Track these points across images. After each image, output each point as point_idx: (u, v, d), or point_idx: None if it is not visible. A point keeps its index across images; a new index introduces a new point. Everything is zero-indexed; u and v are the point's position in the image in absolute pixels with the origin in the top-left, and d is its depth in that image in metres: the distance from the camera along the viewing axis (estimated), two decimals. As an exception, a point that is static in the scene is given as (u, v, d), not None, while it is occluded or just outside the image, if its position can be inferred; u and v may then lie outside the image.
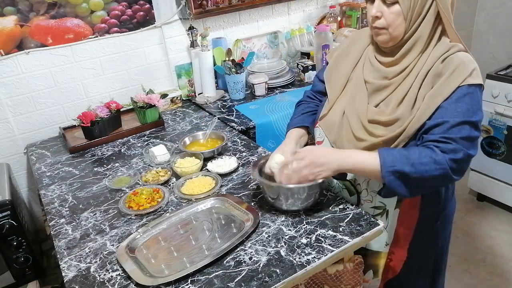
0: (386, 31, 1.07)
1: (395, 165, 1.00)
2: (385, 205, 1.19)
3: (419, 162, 0.99)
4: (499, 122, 2.32)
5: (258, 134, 1.82)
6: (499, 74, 2.32)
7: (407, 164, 0.99)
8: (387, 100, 1.11)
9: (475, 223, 2.50)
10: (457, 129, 1.00)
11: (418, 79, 1.07)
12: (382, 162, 1.01)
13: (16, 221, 1.51)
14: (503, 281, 2.08)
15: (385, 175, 1.01)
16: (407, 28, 1.06)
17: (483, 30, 2.85)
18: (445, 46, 1.07)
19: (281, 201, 1.16)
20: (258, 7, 2.23)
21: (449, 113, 1.01)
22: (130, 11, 1.94)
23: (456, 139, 1.00)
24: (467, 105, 1.01)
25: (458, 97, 1.02)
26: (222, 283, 0.97)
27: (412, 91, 1.07)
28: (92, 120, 1.72)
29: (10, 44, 1.73)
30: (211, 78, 2.08)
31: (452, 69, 1.03)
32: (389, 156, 1.02)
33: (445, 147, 0.99)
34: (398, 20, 1.04)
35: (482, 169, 2.51)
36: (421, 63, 1.08)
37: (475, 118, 1.01)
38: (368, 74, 1.17)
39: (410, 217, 1.19)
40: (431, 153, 0.99)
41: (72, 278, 1.05)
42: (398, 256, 1.23)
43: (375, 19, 1.07)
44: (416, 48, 1.08)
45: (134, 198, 1.29)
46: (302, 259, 1.02)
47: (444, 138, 1.00)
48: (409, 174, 0.99)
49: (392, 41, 1.09)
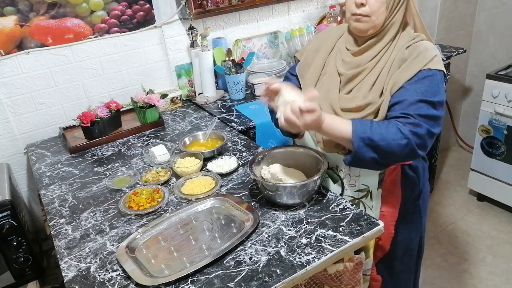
0: (369, 18, 1.13)
1: (366, 132, 1.08)
2: (368, 187, 1.26)
3: (387, 132, 1.07)
4: (499, 122, 2.32)
5: (258, 134, 1.82)
6: (499, 74, 2.32)
7: (376, 133, 1.07)
8: (359, 86, 1.19)
9: (475, 223, 2.50)
10: (415, 106, 1.09)
11: (388, 65, 1.15)
12: (353, 128, 1.09)
13: (16, 221, 1.51)
14: (503, 281, 2.08)
15: (354, 141, 1.08)
16: (387, 17, 1.13)
17: (483, 30, 2.85)
18: (410, 35, 1.17)
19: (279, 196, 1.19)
20: (258, 7, 2.23)
21: (409, 93, 1.10)
22: (130, 11, 1.94)
23: (413, 115, 1.08)
24: (426, 86, 1.10)
25: (418, 78, 1.11)
26: (222, 283, 0.97)
27: (382, 76, 1.15)
28: (92, 120, 1.72)
29: (10, 44, 1.73)
30: (211, 78, 2.08)
31: (415, 55, 1.12)
32: (361, 124, 1.10)
33: (404, 121, 1.08)
34: (382, 8, 1.11)
35: (482, 169, 2.51)
36: (390, 51, 1.16)
37: (434, 99, 1.09)
38: (340, 66, 1.23)
39: (394, 197, 1.26)
40: (396, 126, 1.08)
41: (72, 278, 1.05)
42: (386, 234, 1.27)
43: (360, 5, 1.12)
44: (389, 34, 1.16)
45: (134, 198, 1.29)
46: (302, 259, 1.02)
47: (403, 113, 1.09)
48: (377, 141, 1.07)
49: (373, 29, 1.15)
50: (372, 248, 1.28)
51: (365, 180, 1.26)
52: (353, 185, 1.28)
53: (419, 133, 1.07)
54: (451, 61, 2.47)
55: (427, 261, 2.23)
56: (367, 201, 1.28)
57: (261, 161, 1.31)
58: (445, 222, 2.52)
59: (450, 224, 2.50)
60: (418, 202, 1.31)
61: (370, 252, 1.29)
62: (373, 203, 1.27)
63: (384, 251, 1.31)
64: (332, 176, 1.32)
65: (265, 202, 1.25)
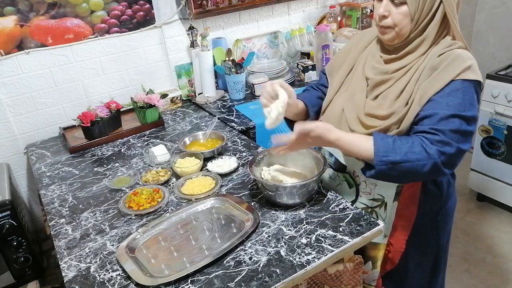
0: (392, 30, 1.08)
1: (388, 155, 1.02)
2: (383, 197, 1.20)
3: (412, 151, 1.00)
4: (499, 122, 2.32)
5: (258, 134, 1.82)
6: (499, 74, 2.32)
7: (399, 153, 1.01)
8: (385, 93, 1.14)
9: (475, 223, 2.50)
10: (446, 121, 1.01)
11: (416, 74, 1.09)
12: (376, 150, 1.03)
13: (16, 221, 1.51)
14: (503, 281, 2.08)
15: (377, 164, 1.03)
16: (413, 28, 1.07)
17: (483, 30, 2.85)
18: (445, 43, 1.09)
19: (279, 196, 1.19)
20: (258, 7, 2.23)
21: (440, 106, 1.02)
22: (130, 11, 1.94)
23: (444, 131, 1.00)
24: (459, 99, 1.01)
25: (450, 90, 1.03)
26: (222, 283, 0.97)
27: (410, 85, 1.09)
28: (92, 120, 1.72)
29: (10, 44, 1.73)
30: (211, 78, 2.08)
31: (446, 63, 1.04)
32: (383, 144, 1.03)
33: (432, 138, 1.01)
34: (405, 20, 1.06)
35: (482, 169, 2.51)
36: (421, 61, 1.09)
37: (467, 113, 1.01)
38: (368, 71, 1.19)
39: (409, 211, 1.20)
40: (422, 143, 1.01)
41: (72, 278, 1.05)
42: (396, 248, 1.24)
43: (382, 18, 1.08)
44: (421, 49, 1.10)
45: (134, 198, 1.29)
46: (302, 259, 1.02)
47: (433, 129, 1.01)
48: (400, 162, 1.01)
49: (398, 39, 1.10)
50: (380, 260, 1.25)
51: (381, 190, 1.20)
52: (368, 193, 1.23)
53: (447, 152, 1.00)
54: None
55: (427, 261, 2.23)
56: (380, 212, 1.21)
57: (261, 161, 1.31)
58: (445, 222, 2.52)
59: (450, 224, 2.50)
60: (437, 218, 1.22)
61: (378, 263, 1.26)
62: (386, 214, 1.21)
63: (393, 264, 1.26)
64: (348, 180, 1.27)
65: (265, 202, 1.25)
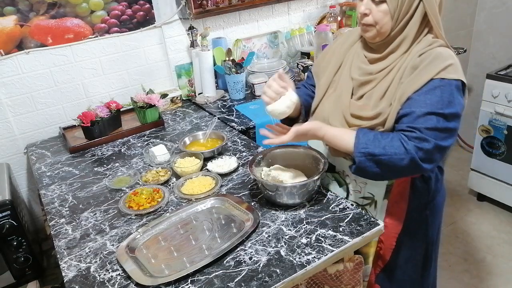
0: (374, 28, 1.11)
1: (367, 147, 1.06)
2: (373, 196, 1.23)
3: (390, 145, 1.04)
4: (499, 122, 2.32)
5: (258, 134, 1.82)
6: (499, 74, 2.32)
7: (378, 146, 1.05)
8: (369, 93, 1.16)
9: (475, 223, 2.50)
10: (423, 119, 1.03)
11: (399, 73, 1.11)
12: (356, 142, 1.08)
13: (16, 221, 1.51)
14: (503, 281, 2.08)
15: (356, 155, 1.07)
16: (393, 26, 1.10)
17: (483, 30, 2.85)
18: (426, 42, 1.11)
19: (279, 196, 1.20)
20: (258, 7, 2.23)
21: (417, 104, 1.05)
22: (130, 11, 1.94)
23: (420, 128, 1.03)
24: (437, 97, 1.03)
25: (428, 89, 1.05)
26: (222, 283, 0.97)
27: (393, 85, 1.12)
28: (92, 120, 1.72)
29: (10, 44, 1.73)
30: (211, 78, 2.08)
31: (426, 62, 1.07)
32: (364, 137, 1.08)
33: (410, 135, 1.03)
34: (386, 18, 1.09)
35: (482, 169, 2.51)
36: (403, 60, 1.12)
37: (445, 111, 1.03)
38: (354, 71, 1.21)
39: (399, 209, 1.23)
40: (401, 139, 1.04)
41: (72, 278, 1.05)
42: (387, 245, 1.26)
43: (363, 16, 1.11)
44: (402, 47, 1.12)
45: (134, 198, 1.29)
46: (302, 259, 1.02)
47: (410, 127, 1.04)
48: (378, 155, 1.05)
49: (379, 37, 1.13)
50: (372, 256, 1.27)
51: (371, 189, 1.22)
52: (358, 191, 1.25)
53: (425, 148, 1.02)
54: (451, 61, 2.47)
55: (427, 261, 2.23)
56: (370, 210, 1.24)
57: (261, 161, 1.31)
58: (445, 222, 2.52)
59: (450, 224, 2.50)
60: (425, 212, 1.24)
61: (370, 259, 1.27)
62: (376, 212, 1.24)
63: (385, 260, 1.28)
64: (338, 179, 1.30)
65: (265, 202, 1.25)
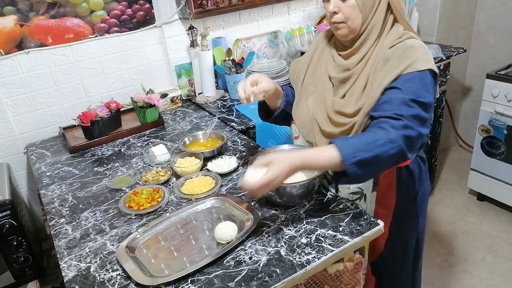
0: (345, 24, 1.13)
1: (357, 155, 1.00)
2: (362, 190, 1.25)
3: (377, 145, 1.01)
4: (499, 122, 2.32)
5: (258, 134, 1.82)
6: (499, 74, 2.32)
7: (366, 150, 1.01)
8: (351, 90, 1.18)
9: (475, 223, 2.50)
10: (406, 107, 1.04)
11: (373, 67, 1.13)
12: (342, 155, 1.01)
13: (16, 221, 1.51)
14: (503, 281, 2.08)
15: (349, 168, 1.01)
16: (364, 19, 1.13)
17: (483, 30, 2.85)
18: (396, 34, 1.14)
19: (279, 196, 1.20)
20: (258, 7, 2.23)
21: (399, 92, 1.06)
22: (130, 10, 1.94)
23: (406, 116, 1.03)
24: (416, 85, 1.06)
25: (407, 78, 1.07)
26: (222, 283, 0.97)
27: (370, 79, 1.14)
28: (92, 120, 1.72)
29: (10, 44, 1.73)
30: (211, 78, 2.08)
31: (399, 53, 1.09)
32: (347, 147, 1.02)
33: (397, 124, 1.03)
34: (355, 12, 1.11)
35: (482, 169, 2.51)
36: (377, 52, 1.14)
37: (424, 99, 1.05)
38: (331, 70, 1.23)
39: (388, 198, 1.25)
40: (384, 134, 1.03)
41: (72, 278, 1.05)
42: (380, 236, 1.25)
43: (333, 14, 1.13)
44: (372, 36, 1.15)
45: (134, 198, 1.29)
46: (302, 259, 1.02)
47: (396, 114, 1.04)
48: (370, 159, 1.01)
49: (352, 33, 1.15)
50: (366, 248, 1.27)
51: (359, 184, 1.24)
52: (347, 187, 1.27)
53: (410, 136, 1.03)
54: (451, 61, 2.47)
55: (427, 261, 2.23)
56: (361, 203, 1.26)
57: None
58: (445, 222, 2.52)
59: (450, 224, 2.50)
60: (414, 203, 1.29)
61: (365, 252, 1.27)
62: (367, 205, 1.26)
63: (379, 250, 1.30)
64: (327, 178, 1.31)
65: (265, 202, 1.25)
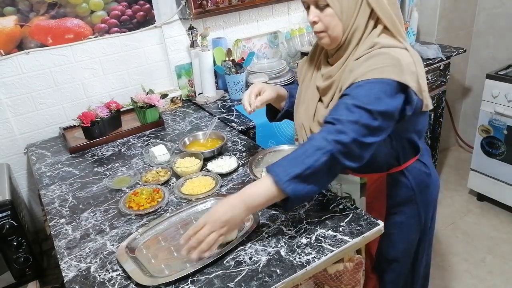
0: (326, 33, 1.10)
1: (289, 172, 0.98)
2: (350, 195, 1.25)
3: (306, 156, 0.99)
4: (499, 122, 2.32)
5: (258, 134, 1.82)
6: (499, 74, 2.32)
7: (296, 165, 0.99)
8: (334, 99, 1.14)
9: (475, 223, 2.50)
10: (347, 111, 1.00)
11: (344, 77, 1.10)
12: (276, 179, 0.99)
13: (16, 221, 1.51)
14: (503, 281, 2.08)
15: (286, 187, 0.98)
16: (345, 27, 1.08)
17: (483, 30, 2.85)
18: (370, 43, 1.07)
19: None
20: (258, 7, 2.23)
21: (347, 98, 1.03)
22: (130, 11, 1.94)
23: (342, 120, 1.00)
24: (366, 92, 1.00)
25: (358, 85, 1.03)
26: (222, 283, 0.97)
27: None
28: (92, 120, 1.72)
29: (10, 44, 1.73)
30: (211, 78, 2.08)
31: (360, 63, 1.05)
32: (278, 168, 1.00)
33: (330, 128, 1.00)
34: (334, 21, 1.08)
35: (482, 169, 2.51)
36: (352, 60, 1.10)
37: (373, 107, 0.99)
38: (318, 79, 1.21)
39: (379, 203, 1.24)
40: (312, 142, 1.00)
41: (72, 278, 1.05)
42: None
43: (313, 24, 1.11)
44: (354, 40, 1.10)
45: (134, 198, 1.29)
46: (302, 259, 1.02)
47: (333, 119, 1.01)
48: (303, 172, 0.98)
49: (334, 42, 1.11)
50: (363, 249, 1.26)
51: (347, 189, 1.25)
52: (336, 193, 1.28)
53: (342, 141, 0.98)
54: (451, 61, 2.47)
55: (427, 261, 2.23)
56: None
57: (261, 161, 1.32)
58: (445, 222, 2.52)
59: (450, 224, 2.50)
60: (414, 206, 1.25)
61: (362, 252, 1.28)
62: None
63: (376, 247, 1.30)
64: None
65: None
